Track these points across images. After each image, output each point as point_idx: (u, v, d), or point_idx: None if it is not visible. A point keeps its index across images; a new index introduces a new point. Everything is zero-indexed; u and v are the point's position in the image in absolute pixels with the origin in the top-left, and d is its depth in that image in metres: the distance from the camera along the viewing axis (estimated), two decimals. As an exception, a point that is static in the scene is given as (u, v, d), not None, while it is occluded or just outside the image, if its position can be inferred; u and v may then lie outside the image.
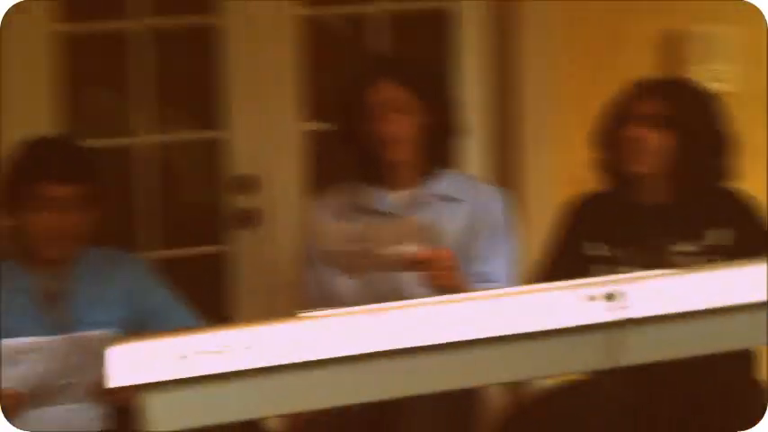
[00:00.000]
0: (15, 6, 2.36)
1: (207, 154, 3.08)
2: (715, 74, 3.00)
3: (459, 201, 2.35)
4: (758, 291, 1.52)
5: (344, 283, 2.26)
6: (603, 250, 2.27)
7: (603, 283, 1.50)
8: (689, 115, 2.20)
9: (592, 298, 1.47)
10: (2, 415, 1.85)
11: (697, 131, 2.20)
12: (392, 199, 2.35)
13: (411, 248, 2.05)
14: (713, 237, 2.20)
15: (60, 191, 2.22)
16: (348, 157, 2.43)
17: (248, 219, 2.94)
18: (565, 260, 2.31)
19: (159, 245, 2.94)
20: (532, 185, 3.01)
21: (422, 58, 2.86)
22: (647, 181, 2.25)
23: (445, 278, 2.09)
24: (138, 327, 2.26)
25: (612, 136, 2.29)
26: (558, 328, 1.44)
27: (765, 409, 1.71)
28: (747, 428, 1.65)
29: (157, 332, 2.13)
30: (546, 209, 2.83)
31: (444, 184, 2.37)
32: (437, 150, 2.36)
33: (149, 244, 2.92)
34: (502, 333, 1.42)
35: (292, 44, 2.99)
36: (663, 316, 1.49)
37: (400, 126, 2.27)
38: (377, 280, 2.22)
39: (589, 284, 1.50)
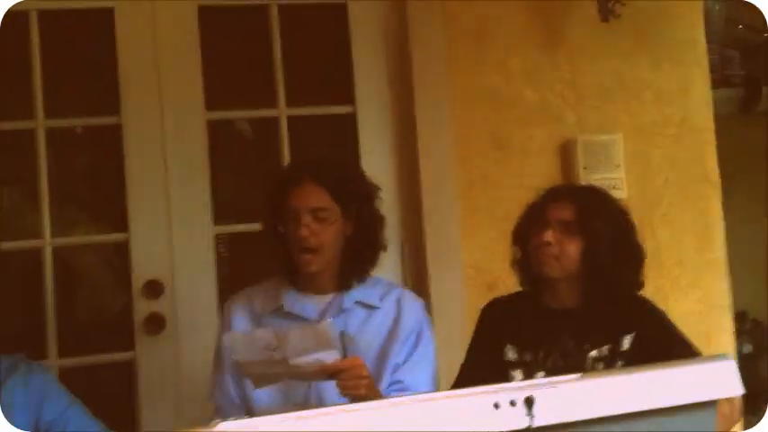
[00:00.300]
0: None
1: (113, 257, 3.04)
2: (607, 181, 3.14)
3: (376, 308, 2.32)
4: (668, 395, 1.57)
5: (259, 391, 2.21)
6: (520, 355, 2.30)
7: (510, 390, 1.50)
8: (598, 222, 2.25)
9: (497, 405, 1.47)
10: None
11: (605, 239, 2.24)
12: (311, 304, 2.31)
13: (323, 357, 2.03)
14: (620, 342, 2.24)
15: None
16: (272, 257, 2.38)
17: (155, 324, 2.89)
18: (483, 365, 2.31)
19: (65, 351, 2.88)
20: (445, 290, 3.05)
21: (346, 163, 2.83)
22: (558, 285, 2.30)
23: (355, 388, 2.05)
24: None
25: (525, 237, 2.35)
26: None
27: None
28: None
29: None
30: (459, 313, 2.91)
31: (363, 290, 2.33)
32: (358, 258, 2.32)
33: (54, 350, 2.86)
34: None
35: (200, 146, 3.01)
36: (571, 423, 1.50)
37: (318, 234, 2.23)
38: (292, 387, 2.19)
39: (496, 391, 1.50)
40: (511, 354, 2.30)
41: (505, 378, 2.24)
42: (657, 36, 3.31)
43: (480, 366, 2.32)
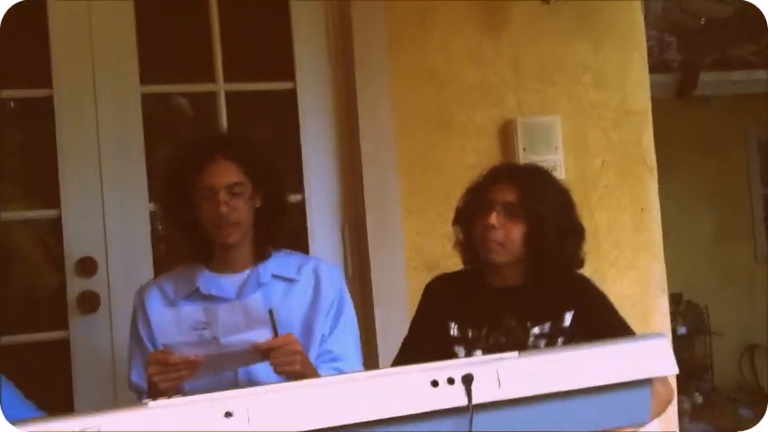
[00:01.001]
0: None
1: (47, 235, 2.97)
2: (546, 163, 3.16)
3: (295, 280, 2.32)
4: (604, 373, 1.58)
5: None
6: (463, 331, 2.30)
7: (448, 368, 1.50)
8: (542, 205, 2.25)
9: (435, 383, 1.47)
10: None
11: (547, 219, 2.25)
12: (227, 282, 2.29)
13: (255, 336, 2.00)
14: (561, 319, 2.26)
15: None
16: (180, 238, 2.36)
17: (89, 303, 2.83)
18: (427, 341, 2.32)
19: (-1, 331, 2.80)
20: (386, 272, 3.04)
21: (251, 135, 2.79)
22: (500, 267, 2.31)
23: (289, 364, 2.04)
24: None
25: (468, 219, 2.35)
26: (403, 414, 1.43)
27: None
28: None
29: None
30: (400, 294, 2.89)
31: (277, 263, 2.33)
32: (269, 231, 2.32)
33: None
34: (346, 421, 1.41)
35: (134, 120, 2.95)
36: (511, 400, 1.51)
37: (236, 209, 2.22)
38: (223, 365, 2.16)
39: (434, 369, 1.50)
40: (454, 330, 2.31)
41: (449, 354, 2.24)
42: (598, 19, 3.33)
43: (423, 342, 2.33)
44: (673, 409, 3.37)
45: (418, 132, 3.13)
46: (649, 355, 1.65)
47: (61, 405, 2.71)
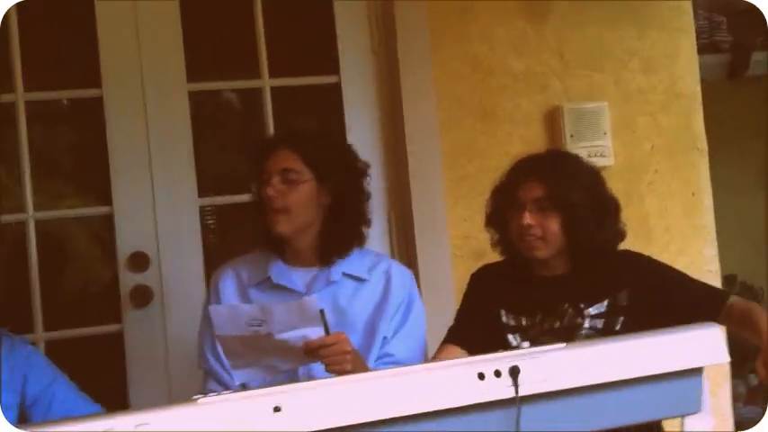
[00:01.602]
0: None
1: (100, 230, 3.02)
2: (593, 149, 3.14)
3: (364, 280, 2.31)
4: (653, 363, 1.57)
5: (239, 371, 2.19)
6: (516, 320, 2.29)
7: (494, 360, 1.50)
8: (570, 194, 2.23)
9: (481, 376, 1.48)
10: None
11: (579, 205, 2.23)
12: (298, 276, 2.30)
13: (308, 333, 2.00)
14: (618, 297, 2.25)
15: None
16: (256, 229, 2.36)
17: (141, 297, 2.88)
18: (477, 328, 2.30)
19: (52, 325, 2.87)
20: (433, 260, 3.04)
21: (329, 133, 2.84)
22: (545, 260, 2.29)
23: (340, 363, 2.04)
24: (28, 412, 2.17)
25: (502, 220, 2.33)
26: (451, 407, 1.44)
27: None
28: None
29: (46, 420, 2.09)
30: (447, 282, 2.89)
31: (351, 262, 2.32)
32: (338, 232, 2.30)
33: (40, 324, 2.86)
34: (393, 414, 1.42)
35: (182, 117, 2.99)
36: (559, 391, 1.51)
37: (284, 195, 2.22)
38: (272, 368, 2.17)
39: (479, 362, 1.50)
40: (506, 318, 2.30)
41: (501, 342, 2.22)
42: (643, 4, 3.29)
43: (473, 331, 2.31)
44: (726, 393, 3.33)
45: (463, 122, 3.13)
46: (701, 344, 1.64)
47: (115, 397, 2.76)
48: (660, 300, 2.21)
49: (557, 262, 2.30)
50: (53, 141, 3.12)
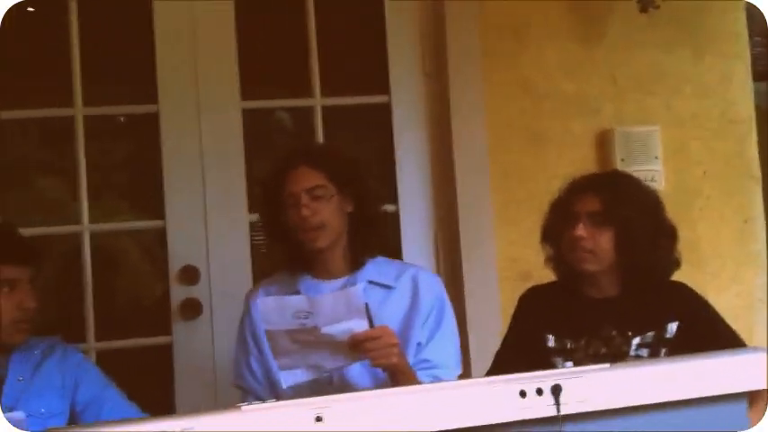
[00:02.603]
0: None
1: (152, 244, 3.08)
2: (644, 173, 3.11)
3: (392, 288, 2.32)
4: (697, 386, 1.56)
5: (286, 372, 2.23)
6: (561, 343, 2.28)
7: (537, 378, 1.50)
8: (626, 210, 2.22)
9: (523, 393, 1.47)
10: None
11: (634, 223, 2.22)
12: (327, 287, 2.30)
13: (354, 326, 2.02)
14: (665, 329, 2.23)
15: (13, 272, 2.20)
16: (277, 248, 2.40)
17: (191, 310, 2.93)
18: (524, 352, 2.30)
19: (103, 335, 2.92)
20: (479, 282, 3.04)
21: (334, 144, 2.93)
22: (597, 276, 2.28)
23: (387, 356, 2.05)
24: (78, 419, 2.22)
25: (556, 234, 2.33)
26: (492, 423, 1.44)
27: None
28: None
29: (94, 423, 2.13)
30: (494, 304, 2.89)
31: (377, 270, 2.34)
32: (364, 237, 2.33)
33: (92, 333, 2.91)
34: (434, 428, 1.42)
35: (235, 134, 3.04)
36: (601, 411, 1.50)
37: (318, 212, 2.24)
38: (316, 368, 2.20)
39: (522, 379, 1.50)
40: (551, 342, 2.29)
41: (547, 366, 2.20)
42: (698, 28, 3.28)
43: (519, 354, 2.30)
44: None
45: (513, 144, 3.13)
46: (745, 369, 1.62)
47: (162, 408, 2.80)
48: (705, 338, 2.17)
49: (606, 282, 2.29)
50: (109, 156, 3.18)
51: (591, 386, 1.52)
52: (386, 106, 3.15)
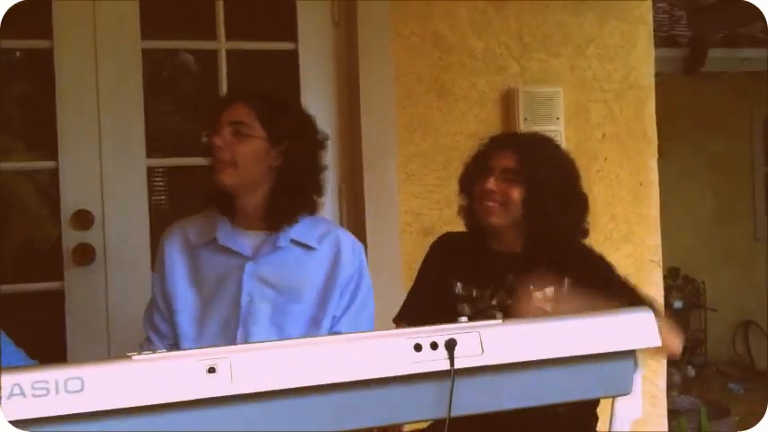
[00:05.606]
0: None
1: (47, 187, 2.98)
2: (546, 133, 3.15)
3: (313, 248, 2.27)
4: (587, 343, 1.59)
5: (188, 321, 2.18)
6: (467, 290, 2.33)
7: (431, 332, 1.51)
8: (539, 172, 2.26)
9: (418, 347, 1.48)
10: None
11: (545, 185, 2.26)
12: (245, 239, 2.26)
13: None
14: (563, 286, 2.28)
15: None
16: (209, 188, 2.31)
17: (84, 255, 2.85)
18: (431, 297, 2.36)
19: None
20: (382, 235, 3.05)
21: (286, 96, 2.80)
22: (503, 231, 2.33)
23: None
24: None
25: (470, 185, 2.37)
26: (385, 376, 1.45)
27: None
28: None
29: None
30: (396, 257, 2.89)
31: (300, 229, 2.27)
32: (286, 193, 2.24)
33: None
34: (327, 381, 1.42)
35: (134, 75, 2.94)
36: (494, 366, 1.52)
37: (232, 147, 2.18)
38: (222, 319, 2.16)
39: (417, 333, 1.50)
40: (459, 289, 2.34)
41: (453, 311, 2.26)
42: (604, -9, 3.32)
43: (428, 298, 2.37)
44: (661, 381, 3.40)
45: (420, 98, 3.13)
46: (633, 328, 1.66)
47: (54, 355, 2.74)
48: (593, 290, 2.23)
49: (510, 237, 2.34)
50: (5, 94, 3.05)
51: (485, 341, 1.54)
52: (293, 53, 3.10)
